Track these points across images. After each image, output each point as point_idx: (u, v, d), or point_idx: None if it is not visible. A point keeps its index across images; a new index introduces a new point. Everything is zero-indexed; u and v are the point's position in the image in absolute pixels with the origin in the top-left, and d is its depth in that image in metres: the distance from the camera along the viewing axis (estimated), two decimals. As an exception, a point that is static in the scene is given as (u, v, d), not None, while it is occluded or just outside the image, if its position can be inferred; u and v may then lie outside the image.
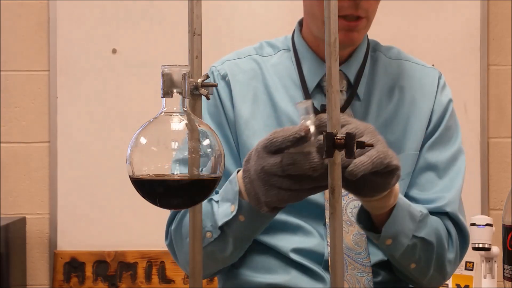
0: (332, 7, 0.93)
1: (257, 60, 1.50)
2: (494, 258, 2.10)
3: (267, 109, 1.45)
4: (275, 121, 1.44)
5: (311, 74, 1.46)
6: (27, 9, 2.86)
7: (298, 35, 1.50)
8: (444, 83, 1.52)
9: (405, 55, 1.54)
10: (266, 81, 1.47)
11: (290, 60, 1.49)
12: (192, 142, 0.87)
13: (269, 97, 1.46)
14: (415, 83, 1.49)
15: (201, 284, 0.95)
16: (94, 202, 2.83)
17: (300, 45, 1.49)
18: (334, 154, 0.92)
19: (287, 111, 1.44)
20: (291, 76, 1.47)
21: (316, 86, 1.45)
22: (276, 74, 1.48)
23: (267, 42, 1.54)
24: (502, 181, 2.88)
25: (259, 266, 1.42)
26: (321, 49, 1.46)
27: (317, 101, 1.44)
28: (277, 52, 1.51)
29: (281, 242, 1.41)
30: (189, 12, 0.92)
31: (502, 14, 2.89)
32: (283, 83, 1.47)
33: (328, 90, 0.93)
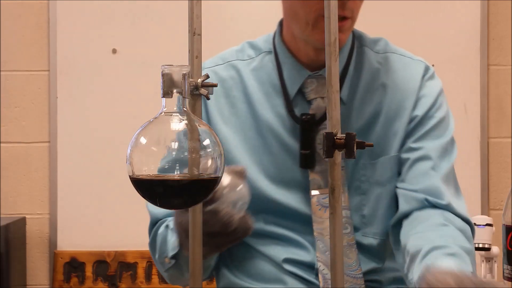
0: (332, 7, 0.93)
1: (237, 67, 1.44)
2: (494, 258, 2.09)
3: (248, 120, 1.41)
4: (256, 133, 1.41)
5: (291, 80, 1.40)
6: (27, 9, 2.85)
7: (278, 37, 1.44)
8: (432, 75, 1.46)
9: (392, 47, 1.48)
10: (246, 89, 1.42)
11: (273, 64, 1.43)
12: (192, 142, 0.87)
13: (249, 107, 1.41)
14: (399, 78, 1.43)
15: (201, 284, 0.95)
16: (94, 202, 2.83)
17: (280, 48, 1.43)
18: (334, 154, 0.92)
19: (268, 121, 1.40)
20: (272, 82, 1.42)
21: (297, 93, 1.40)
22: (257, 80, 1.43)
23: (250, 43, 1.48)
24: (502, 181, 2.88)
25: (255, 273, 1.41)
26: (302, 52, 1.40)
27: (298, 108, 1.40)
28: (258, 55, 1.45)
29: (273, 251, 1.40)
30: (189, 12, 0.92)
31: (502, 14, 2.89)
32: (264, 89, 1.42)
33: (328, 90, 0.93)
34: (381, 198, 1.40)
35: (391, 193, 1.40)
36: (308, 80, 1.40)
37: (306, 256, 1.38)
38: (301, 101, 1.41)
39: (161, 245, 1.36)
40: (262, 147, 1.41)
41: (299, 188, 1.39)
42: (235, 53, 1.47)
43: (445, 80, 1.54)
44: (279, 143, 1.40)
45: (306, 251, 1.39)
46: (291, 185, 1.40)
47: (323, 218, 1.37)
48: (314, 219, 1.38)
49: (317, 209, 1.38)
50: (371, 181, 1.39)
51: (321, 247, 1.37)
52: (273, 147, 1.40)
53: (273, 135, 1.41)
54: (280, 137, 1.40)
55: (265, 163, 1.40)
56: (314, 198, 1.38)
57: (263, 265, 1.41)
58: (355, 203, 1.39)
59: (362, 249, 1.39)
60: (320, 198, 1.38)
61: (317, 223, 1.38)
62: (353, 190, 1.39)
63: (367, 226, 1.40)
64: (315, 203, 1.38)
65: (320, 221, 1.38)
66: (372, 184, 1.40)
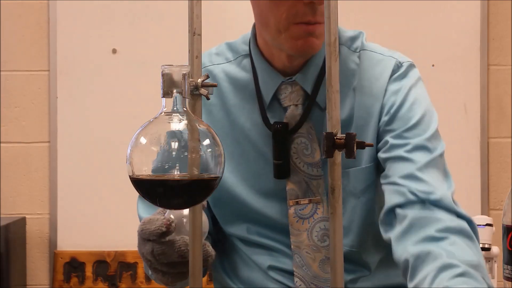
0: (332, 7, 0.93)
1: (213, 72, 1.38)
2: (494, 258, 2.09)
3: (225, 128, 1.36)
4: (233, 140, 1.36)
5: (266, 86, 1.34)
6: (27, 9, 2.85)
7: (253, 41, 1.38)
8: (402, 73, 1.34)
9: (366, 44, 1.38)
10: (223, 94, 1.37)
11: (249, 68, 1.37)
12: (192, 142, 0.87)
13: (226, 114, 1.37)
14: (367, 79, 1.34)
15: (201, 284, 0.95)
16: (94, 202, 2.83)
17: (254, 53, 1.36)
18: (334, 154, 0.92)
19: (244, 129, 1.36)
20: (249, 87, 1.36)
21: (273, 99, 1.34)
22: (233, 85, 1.37)
23: (228, 45, 1.42)
24: (502, 181, 2.88)
25: (246, 279, 1.40)
26: (275, 58, 1.34)
27: (275, 115, 1.34)
28: (236, 58, 1.39)
29: (259, 259, 1.38)
30: (189, 12, 0.92)
31: (502, 14, 2.89)
32: (240, 95, 1.37)
33: (328, 90, 0.93)
34: (356, 209, 1.34)
35: (366, 205, 1.34)
36: (282, 86, 1.34)
37: (286, 264, 1.36)
38: (278, 108, 1.35)
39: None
40: (239, 155, 1.36)
41: (277, 198, 1.35)
42: (213, 57, 1.41)
43: (445, 80, 1.54)
44: (256, 151, 1.36)
45: (286, 258, 1.36)
46: (269, 194, 1.35)
47: (301, 231, 1.33)
48: (291, 231, 1.34)
49: (294, 221, 1.33)
50: (346, 191, 1.32)
51: (298, 261, 1.34)
52: (250, 155, 1.36)
53: (250, 142, 1.36)
54: (256, 145, 1.36)
55: (243, 171, 1.36)
56: (291, 209, 1.34)
57: (252, 271, 1.40)
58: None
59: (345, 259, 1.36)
60: (298, 210, 1.33)
61: (294, 236, 1.34)
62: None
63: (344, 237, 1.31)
64: (292, 215, 1.34)
65: (298, 234, 1.34)
66: (347, 195, 1.33)
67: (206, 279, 2.78)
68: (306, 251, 1.33)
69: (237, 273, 1.42)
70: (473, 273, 1.14)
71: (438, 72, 2.76)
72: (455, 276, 1.13)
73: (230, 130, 1.37)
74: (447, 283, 1.12)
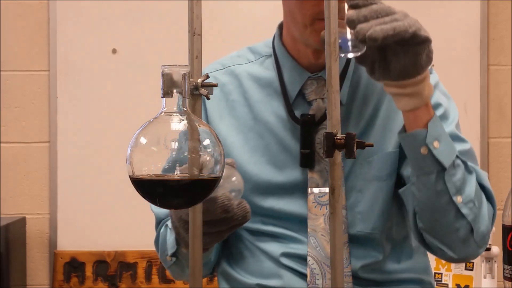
0: (332, 7, 0.93)
1: (235, 72, 1.47)
2: (494, 258, 2.10)
3: (248, 122, 1.44)
4: (257, 134, 1.44)
5: (292, 82, 1.43)
6: (27, 9, 2.86)
7: (278, 40, 1.47)
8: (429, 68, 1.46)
9: None
10: (246, 92, 1.45)
11: (272, 67, 1.46)
12: (192, 142, 0.87)
13: (249, 109, 1.45)
14: None
15: (201, 284, 0.95)
16: (94, 202, 2.83)
17: (279, 51, 1.46)
18: (334, 154, 0.92)
19: (268, 123, 1.43)
20: (272, 85, 1.45)
21: (298, 95, 1.43)
22: (257, 83, 1.46)
23: (249, 48, 1.51)
24: (502, 181, 2.88)
25: (255, 270, 1.45)
26: (301, 54, 1.43)
27: (299, 110, 1.42)
28: (258, 58, 1.49)
29: (271, 247, 1.43)
30: (189, 12, 0.92)
31: (502, 14, 2.89)
32: (264, 92, 1.45)
33: (328, 90, 0.93)
34: (379, 193, 1.42)
35: (390, 188, 1.42)
36: (308, 82, 1.43)
37: (301, 249, 1.41)
38: (302, 102, 1.43)
39: (162, 244, 1.41)
40: (261, 148, 1.43)
41: (297, 188, 1.42)
42: (234, 59, 1.50)
43: (445, 80, 1.54)
44: (279, 144, 1.43)
45: (302, 244, 1.41)
46: (290, 184, 1.42)
47: (318, 216, 1.40)
48: (309, 215, 1.40)
49: (313, 207, 1.40)
50: (367, 178, 1.41)
51: (312, 243, 1.40)
52: (272, 148, 1.43)
53: (273, 136, 1.43)
54: (280, 138, 1.43)
55: (265, 163, 1.43)
56: (311, 196, 1.41)
57: (262, 262, 1.44)
58: (351, 201, 1.41)
59: (357, 244, 1.41)
60: (317, 196, 1.41)
61: (311, 220, 1.40)
62: (349, 189, 1.41)
63: (363, 222, 1.41)
64: (311, 201, 1.41)
65: (315, 218, 1.40)
66: (369, 181, 1.41)
67: (206, 279, 2.78)
68: (321, 233, 1.40)
69: (245, 267, 1.45)
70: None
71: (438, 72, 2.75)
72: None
73: (253, 124, 1.44)
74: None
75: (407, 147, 1.31)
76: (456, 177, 1.30)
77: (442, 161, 1.28)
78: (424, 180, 1.30)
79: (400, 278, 1.45)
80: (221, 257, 1.51)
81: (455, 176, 1.30)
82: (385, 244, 1.44)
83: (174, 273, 1.45)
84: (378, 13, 1.16)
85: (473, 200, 1.32)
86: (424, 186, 1.31)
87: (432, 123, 1.27)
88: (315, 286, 1.38)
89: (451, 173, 1.29)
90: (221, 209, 1.11)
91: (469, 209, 1.32)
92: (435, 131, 1.28)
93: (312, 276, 1.39)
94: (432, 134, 1.27)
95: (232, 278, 1.47)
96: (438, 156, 1.28)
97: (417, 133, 1.28)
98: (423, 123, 1.28)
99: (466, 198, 1.31)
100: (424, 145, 1.27)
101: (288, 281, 1.41)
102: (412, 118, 1.28)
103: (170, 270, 1.44)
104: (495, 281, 2.11)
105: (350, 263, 1.40)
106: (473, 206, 1.32)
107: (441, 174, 1.29)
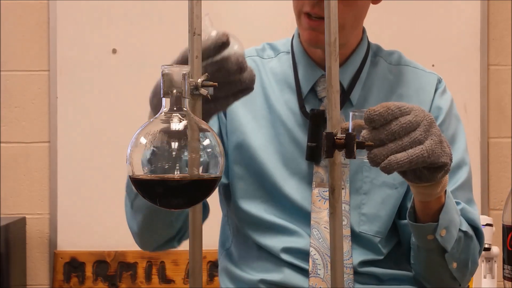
0: (332, 7, 0.93)
1: (257, 62, 1.52)
2: (494, 258, 2.10)
3: (263, 111, 1.48)
4: (269, 123, 1.47)
5: (305, 78, 1.48)
6: (27, 9, 2.86)
7: (296, 38, 1.52)
8: (444, 88, 1.52)
9: (406, 59, 1.54)
10: (264, 83, 1.50)
11: (289, 63, 1.51)
12: (192, 142, 0.87)
13: (265, 99, 1.49)
14: (413, 89, 1.49)
15: (201, 284, 0.95)
16: (94, 202, 2.83)
17: (297, 49, 1.51)
18: (334, 154, 0.92)
19: (280, 115, 1.47)
20: (288, 80, 1.49)
21: (310, 91, 1.47)
22: (274, 77, 1.50)
23: (269, 44, 1.56)
24: (502, 181, 2.88)
25: (256, 265, 1.47)
26: (312, 52, 1.48)
27: (310, 105, 1.46)
28: (277, 55, 1.53)
29: (271, 242, 1.45)
30: (189, 12, 0.92)
31: (502, 14, 2.89)
32: (279, 86, 1.49)
33: (328, 90, 0.93)
34: (389, 199, 1.44)
35: (401, 196, 1.45)
36: (321, 79, 1.47)
37: (302, 243, 1.43)
38: (313, 99, 1.47)
39: (128, 181, 1.32)
40: (273, 136, 1.47)
41: (303, 181, 1.44)
42: (256, 51, 1.54)
43: (445, 80, 1.55)
44: (289, 136, 1.46)
45: (302, 238, 1.43)
46: (296, 176, 1.45)
47: (322, 209, 1.42)
48: (313, 208, 1.43)
49: (317, 200, 1.43)
50: (376, 182, 1.44)
51: (315, 234, 1.42)
52: (282, 138, 1.46)
53: (284, 127, 1.47)
54: (290, 131, 1.46)
55: (275, 151, 1.46)
56: (315, 190, 1.43)
57: (264, 258, 1.46)
58: (356, 202, 1.44)
59: (359, 242, 1.43)
60: (321, 191, 1.43)
61: (314, 213, 1.43)
62: (354, 189, 1.44)
63: (367, 224, 1.43)
64: (315, 194, 1.43)
65: (318, 211, 1.43)
66: (378, 186, 1.44)
67: (206, 279, 2.78)
68: (324, 226, 1.42)
69: (247, 263, 1.47)
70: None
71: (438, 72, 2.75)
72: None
73: (267, 114, 1.48)
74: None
75: (414, 232, 1.34)
76: (455, 250, 1.34)
77: (446, 246, 1.32)
78: (424, 252, 1.35)
79: (400, 275, 1.47)
80: (223, 257, 1.53)
81: (454, 249, 1.34)
82: (386, 247, 1.46)
83: (140, 213, 1.34)
84: (397, 134, 1.09)
85: (467, 264, 1.38)
86: (423, 255, 1.37)
87: (444, 214, 1.29)
88: (317, 276, 1.40)
89: (452, 252, 1.34)
90: (236, 65, 1.07)
91: (461, 272, 1.38)
92: (445, 221, 1.29)
93: (314, 266, 1.41)
94: (441, 225, 1.29)
95: (235, 276, 1.48)
96: (443, 243, 1.31)
97: (427, 226, 1.30)
98: (433, 212, 1.29)
99: (460, 264, 1.37)
100: (432, 234, 1.30)
101: (288, 275, 1.43)
102: (423, 207, 1.29)
103: (135, 211, 1.34)
104: (495, 281, 2.11)
105: (352, 257, 1.41)
106: (465, 268, 1.38)
107: (442, 252, 1.33)
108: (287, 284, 1.42)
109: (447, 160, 1.14)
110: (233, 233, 1.53)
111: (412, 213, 1.30)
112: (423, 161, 1.10)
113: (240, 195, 1.47)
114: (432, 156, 1.11)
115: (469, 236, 1.37)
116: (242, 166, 1.46)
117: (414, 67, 1.52)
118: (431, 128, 1.12)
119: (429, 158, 1.11)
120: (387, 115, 1.09)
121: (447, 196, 1.28)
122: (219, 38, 1.05)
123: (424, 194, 1.25)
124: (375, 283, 1.44)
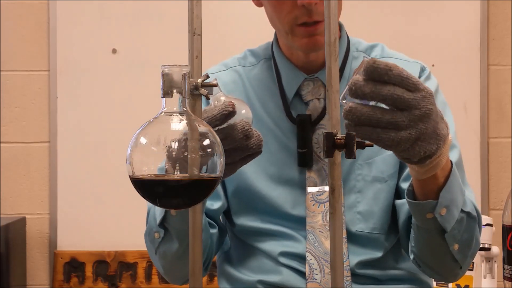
0: (332, 7, 0.93)
1: (239, 72, 1.51)
2: (494, 258, 2.10)
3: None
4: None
5: (289, 84, 1.47)
6: (27, 9, 2.86)
7: (275, 43, 1.51)
8: (428, 75, 1.49)
9: (389, 51, 1.52)
10: (248, 92, 1.49)
11: (271, 69, 1.50)
12: (192, 142, 0.87)
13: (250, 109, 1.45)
14: None
15: (201, 284, 0.95)
16: (94, 202, 2.83)
17: (277, 54, 1.50)
18: (334, 154, 0.92)
19: (268, 124, 1.46)
20: (271, 87, 1.48)
21: (295, 96, 1.46)
22: (257, 85, 1.49)
23: (250, 51, 1.55)
24: (502, 181, 2.88)
25: (255, 267, 1.47)
26: (294, 57, 1.46)
27: (296, 110, 1.45)
28: (259, 62, 1.52)
29: (269, 246, 1.45)
30: (189, 12, 0.92)
31: (502, 14, 2.89)
32: (263, 94, 1.48)
33: (328, 90, 0.93)
34: (380, 194, 1.44)
35: (392, 189, 1.44)
36: (305, 83, 1.46)
37: (299, 248, 1.43)
38: (299, 103, 1.46)
39: (149, 222, 1.41)
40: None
41: (296, 187, 1.44)
42: (238, 60, 1.54)
43: (445, 80, 1.55)
44: (278, 143, 1.46)
45: (299, 243, 1.43)
46: (288, 183, 1.45)
47: (316, 213, 1.42)
48: (307, 213, 1.43)
49: (311, 204, 1.43)
50: (367, 179, 1.44)
51: (311, 239, 1.42)
52: (272, 147, 1.45)
53: (273, 136, 1.46)
54: (279, 138, 1.46)
55: (265, 161, 1.44)
56: (309, 195, 1.43)
57: (262, 260, 1.46)
58: (351, 201, 1.43)
59: (356, 242, 1.43)
60: (315, 195, 1.43)
61: (309, 217, 1.43)
62: (348, 189, 1.43)
63: (362, 222, 1.43)
64: (309, 199, 1.43)
65: (313, 215, 1.43)
66: (369, 182, 1.44)
67: (206, 279, 2.78)
68: (319, 230, 1.42)
69: (246, 265, 1.48)
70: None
71: (438, 72, 2.74)
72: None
73: (254, 124, 1.42)
74: None
75: (413, 211, 1.28)
76: (456, 231, 1.29)
77: (446, 227, 1.27)
78: (424, 232, 1.31)
79: (398, 276, 1.46)
80: (222, 260, 1.54)
81: (455, 230, 1.29)
82: (385, 243, 1.45)
83: (163, 257, 1.40)
84: (382, 101, 1.02)
85: (469, 245, 1.34)
86: (423, 235, 1.32)
87: (445, 192, 1.22)
88: (314, 281, 1.40)
89: (452, 233, 1.29)
90: (242, 134, 1.08)
91: (463, 254, 1.33)
92: (446, 200, 1.23)
93: (310, 271, 1.41)
94: (441, 203, 1.23)
95: (233, 278, 1.49)
96: (443, 222, 1.26)
97: (426, 203, 1.24)
98: (433, 191, 1.23)
99: (462, 245, 1.32)
100: (431, 212, 1.24)
101: (287, 277, 1.43)
102: (419, 185, 1.23)
103: (158, 254, 1.40)
104: (495, 281, 2.11)
105: (348, 258, 1.41)
106: (467, 249, 1.34)
107: (442, 233, 1.28)
108: (285, 285, 1.43)
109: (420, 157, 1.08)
110: (231, 237, 1.53)
111: (411, 191, 1.26)
112: (389, 149, 1.04)
113: (234, 211, 1.48)
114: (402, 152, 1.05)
115: (472, 217, 1.32)
116: (232, 184, 1.46)
117: (397, 58, 1.49)
118: (420, 122, 1.03)
119: (395, 151, 1.06)
120: (383, 74, 1.01)
121: (451, 175, 1.22)
122: (224, 109, 1.06)
123: (417, 172, 1.17)
124: (373, 283, 1.44)
